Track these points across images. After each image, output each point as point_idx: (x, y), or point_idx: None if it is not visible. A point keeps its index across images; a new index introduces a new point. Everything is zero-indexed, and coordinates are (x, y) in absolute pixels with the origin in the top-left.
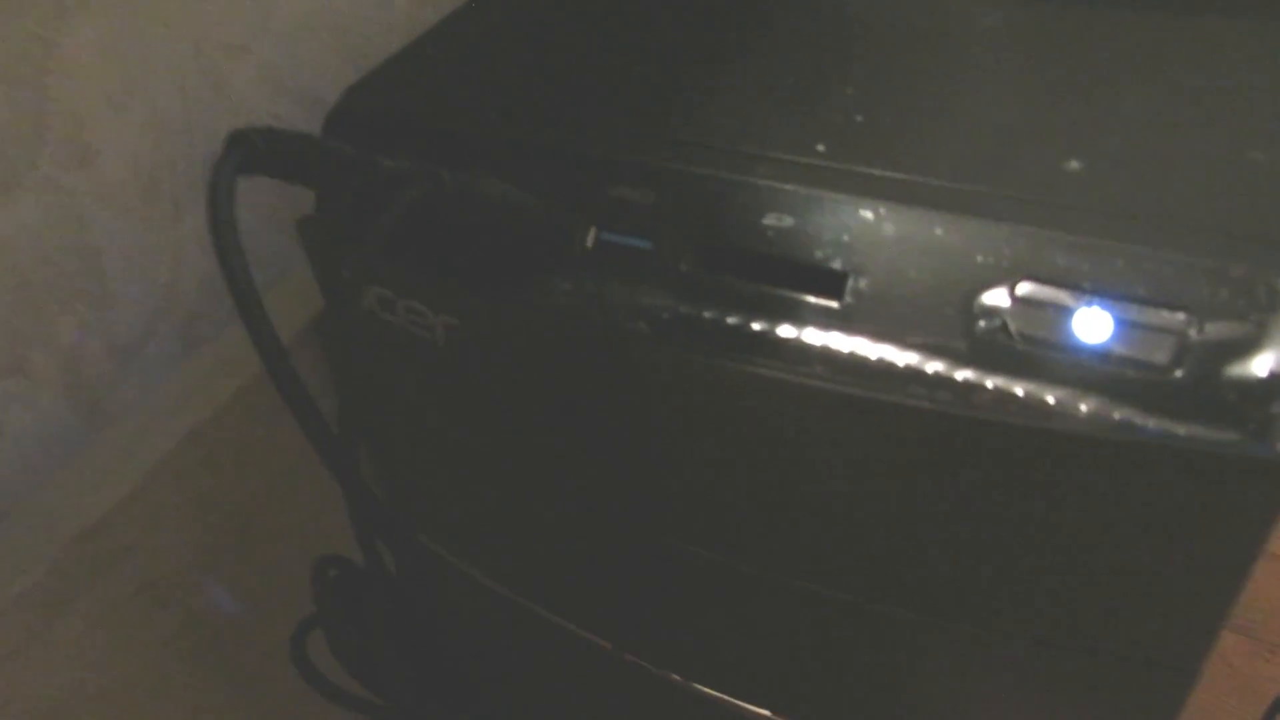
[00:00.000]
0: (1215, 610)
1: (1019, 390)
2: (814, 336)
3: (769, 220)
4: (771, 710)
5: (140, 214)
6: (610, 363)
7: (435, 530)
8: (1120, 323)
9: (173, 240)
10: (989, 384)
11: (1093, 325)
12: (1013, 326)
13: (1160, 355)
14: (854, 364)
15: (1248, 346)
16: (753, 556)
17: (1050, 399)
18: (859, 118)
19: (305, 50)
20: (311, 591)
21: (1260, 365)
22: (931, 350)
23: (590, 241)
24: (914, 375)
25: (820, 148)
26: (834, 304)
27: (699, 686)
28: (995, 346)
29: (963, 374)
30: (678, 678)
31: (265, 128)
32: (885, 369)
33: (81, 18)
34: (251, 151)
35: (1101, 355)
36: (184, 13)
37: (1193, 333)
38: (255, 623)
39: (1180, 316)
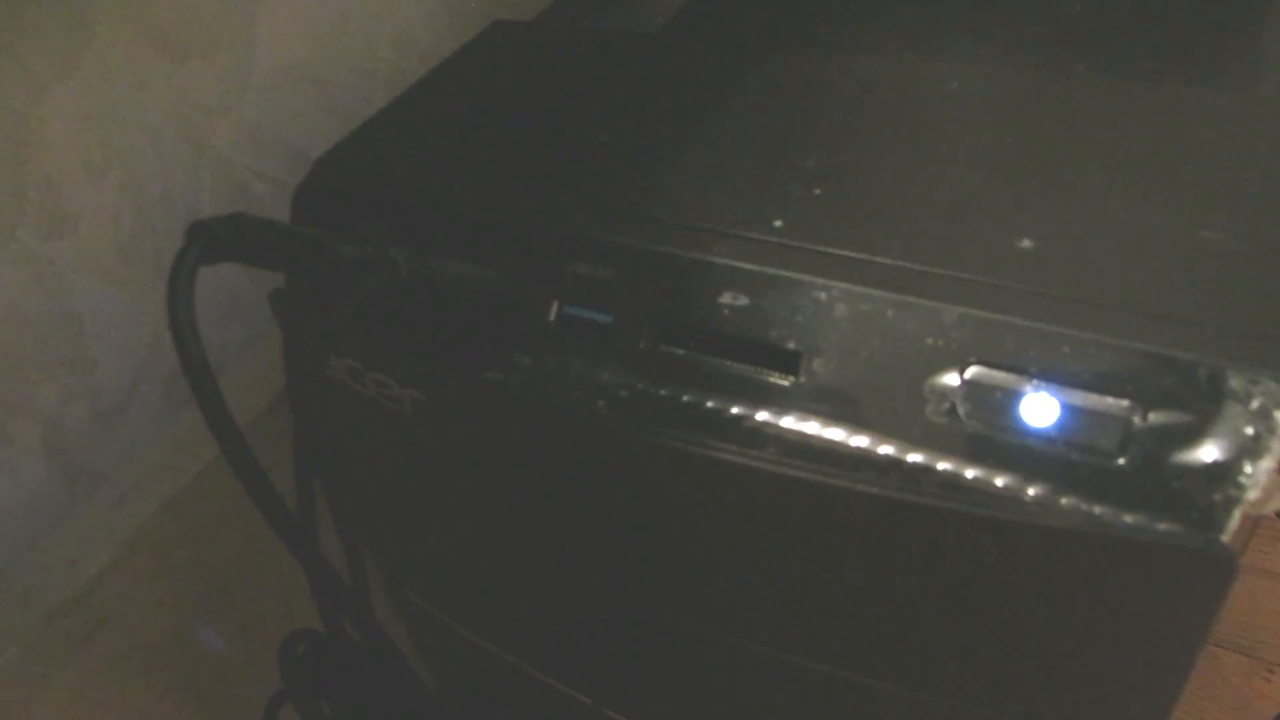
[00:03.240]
0: (1164, 691)
1: (968, 474)
2: (767, 416)
3: (725, 299)
4: None
5: (120, 277)
6: (571, 440)
7: (411, 580)
8: (1066, 408)
9: (153, 301)
10: (939, 467)
11: (1040, 410)
12: (962, 410)
13: (1105, 442)
14: (806, 446)
15: (1190, 435)
16: (708, 621)
17: (998, 483)
18: (817, 191)
19: (286, 105)
20: (279, 669)
21: (1202, 454)
22: (882, 432)
23: (553, 315)
24: (864, 458)
25: (778, 223)
26: (787, 384)
27: None
28: (944, 429)
29: (913, 457)
30: None
31: (227, 215)
32: (836, 451)
33: (57, 90)
34: (212, 241)
35: (1048, 440)
36: (161, 77)
37: (1136, 420)
38: (236, 686)
39: (1124, 403)
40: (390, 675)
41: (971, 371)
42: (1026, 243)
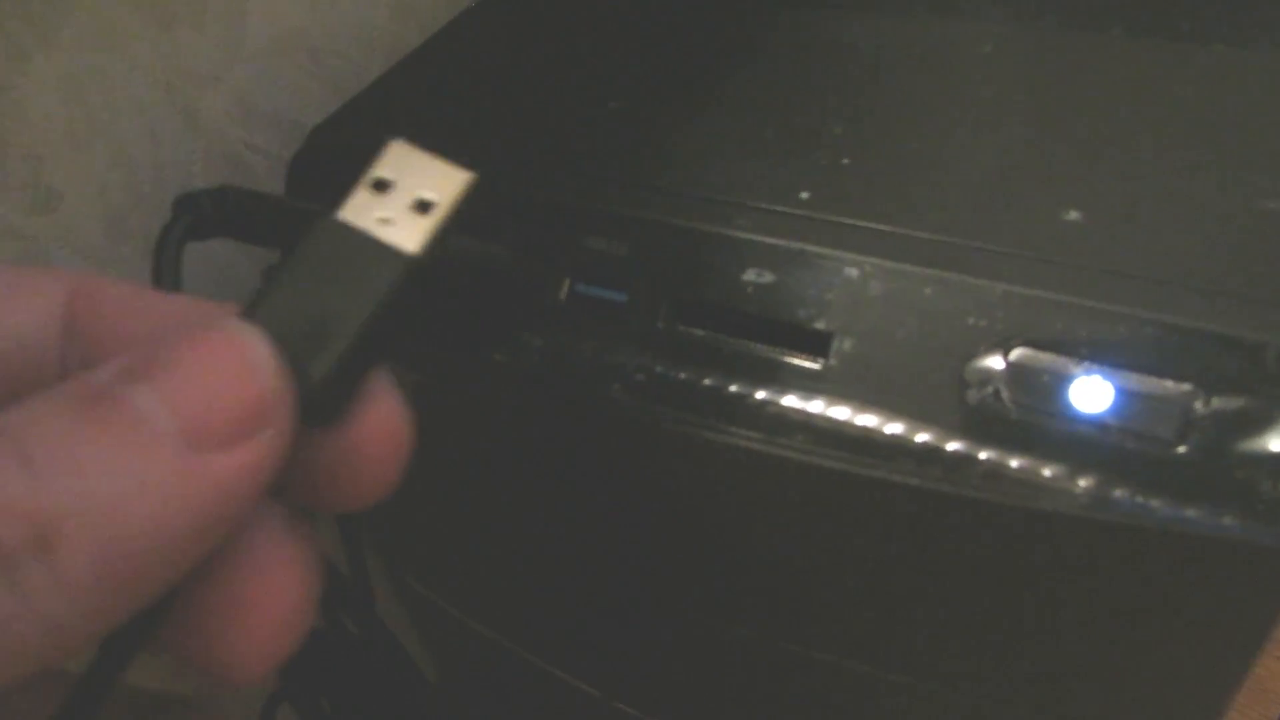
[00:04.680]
0: (1219, 693)
1: (1013, 463)
2: (795, 401)
3: (749, 275)
4: None
5: (108, 253)
6: (583, 425)
7: (413, 568)
8: (1120, 392)
9: (143, 277)
10: (981, 456)
11: (1092, 395)
12: (1006, 395)
13: (1163, 429)
14: (837, 434)
15: (1256, 421)
16: (728, 615)
17: (1046, 473)
18: (845, 160)
19: (280, 75)
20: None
21: (1269, 442)
22: (920, 418)
23: (563, 293)
24: (901, 447)
25: (804, 195)
26: (816, 367)
27: None
28: (987, 416)
29: (953, 445)
30: None
31: (216, 188)
32: (870, 439)
33: (39, 59)
34: (200, 217)
35: (1101, 427)
36: (149, 47)
37: (1199, 405)
38: (228, 685)
39: (1185, 387)
40: (390, 669)
41: (1017, 353)
42: (1074, 214)
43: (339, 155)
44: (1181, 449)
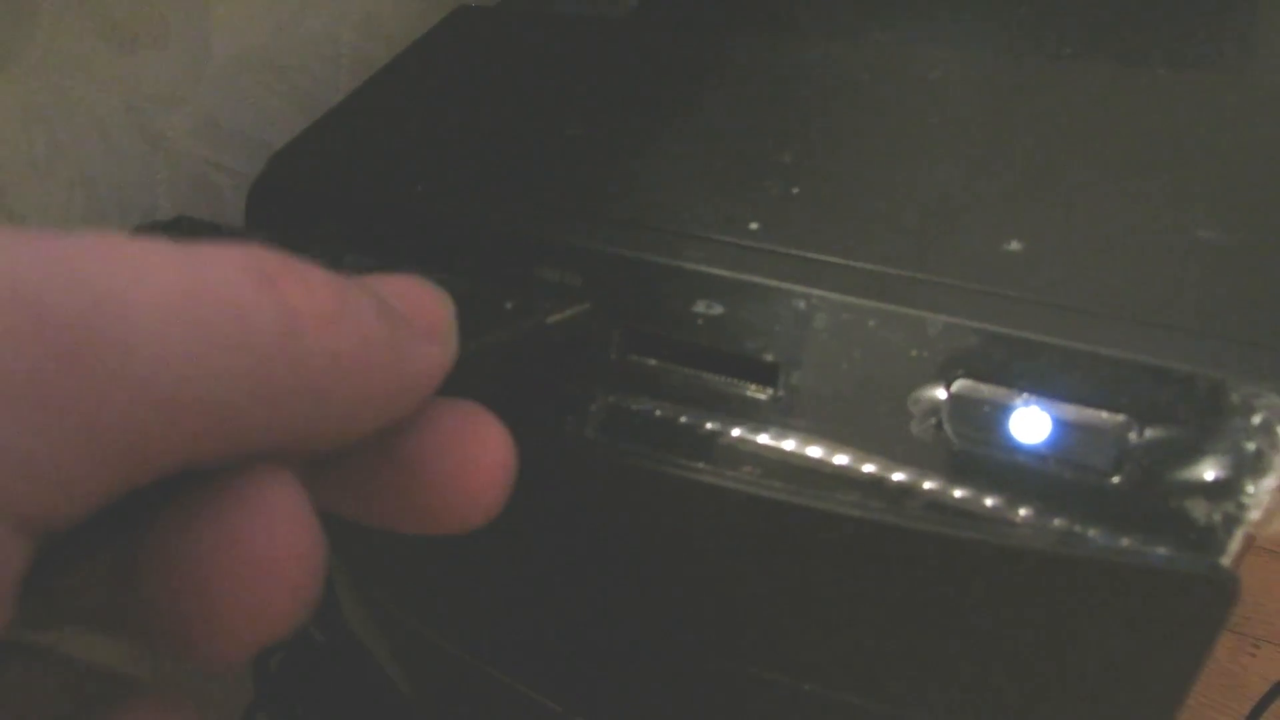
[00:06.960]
0: (1158, 717)
1: (955, 493)
2: (743, 433)
3: (699, 307)
4: None
5: None
6: (535, 456)
7: (376, 585)
8: (1058, 423)
9: None
10: (924, 486)
11: (1030, 425)
12: (948, 425)
13: (1099, 459)
14: (784, 464)
15: (1189, 451)
16: (681, 639)
17: (986, 503)
18: (794, 189)
19: (245, 95)
20: (254, 680)
21: (1202, 471)
22: (864, 449)
23: None
24: (846, 477)
25: (753, 226)
26: (764, 398)
27: None
28: (930, 446)
29: (897, 476)
30: None
31: (171, 220)
32: (817, 470)
33: None
34: None
35: (1039, 457)
36: (111, 68)
37: (1132, 436)
38: (202, 699)
39: (1120, 418)
40: (359, 677)
41: (958, 385)
42: (1015, 244)
43: (298, 182)
44: (1116, 479)
